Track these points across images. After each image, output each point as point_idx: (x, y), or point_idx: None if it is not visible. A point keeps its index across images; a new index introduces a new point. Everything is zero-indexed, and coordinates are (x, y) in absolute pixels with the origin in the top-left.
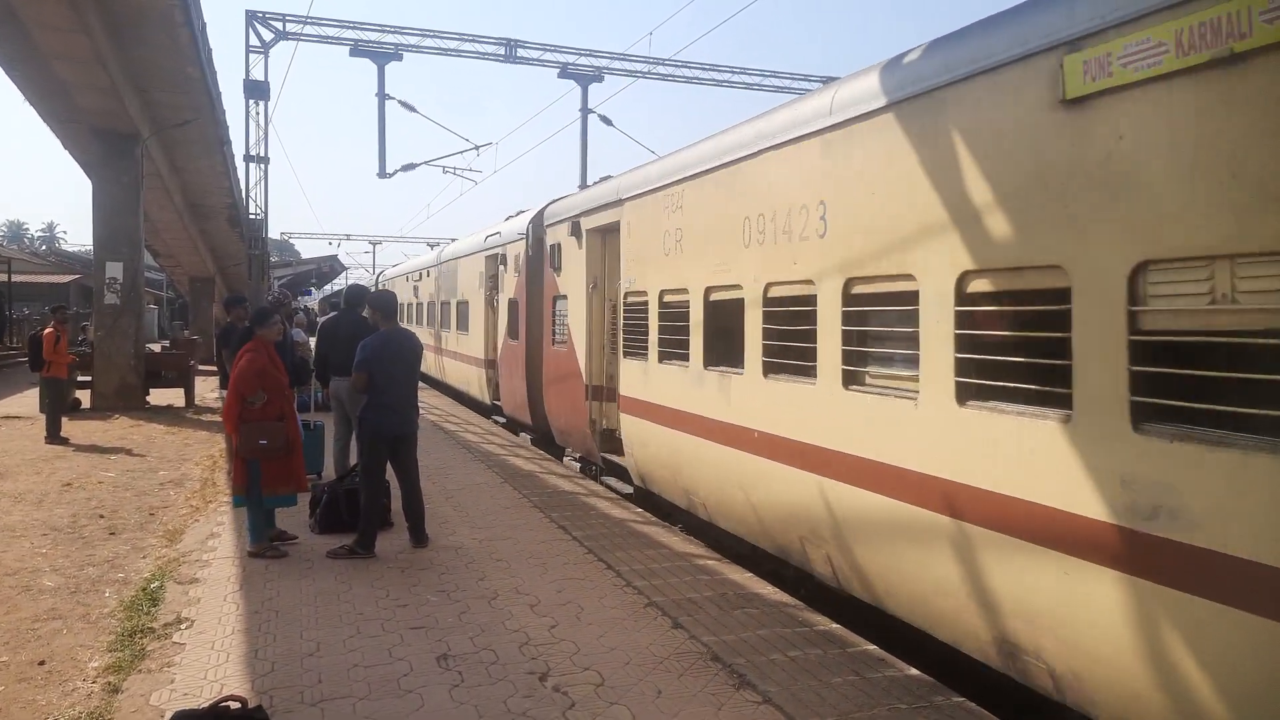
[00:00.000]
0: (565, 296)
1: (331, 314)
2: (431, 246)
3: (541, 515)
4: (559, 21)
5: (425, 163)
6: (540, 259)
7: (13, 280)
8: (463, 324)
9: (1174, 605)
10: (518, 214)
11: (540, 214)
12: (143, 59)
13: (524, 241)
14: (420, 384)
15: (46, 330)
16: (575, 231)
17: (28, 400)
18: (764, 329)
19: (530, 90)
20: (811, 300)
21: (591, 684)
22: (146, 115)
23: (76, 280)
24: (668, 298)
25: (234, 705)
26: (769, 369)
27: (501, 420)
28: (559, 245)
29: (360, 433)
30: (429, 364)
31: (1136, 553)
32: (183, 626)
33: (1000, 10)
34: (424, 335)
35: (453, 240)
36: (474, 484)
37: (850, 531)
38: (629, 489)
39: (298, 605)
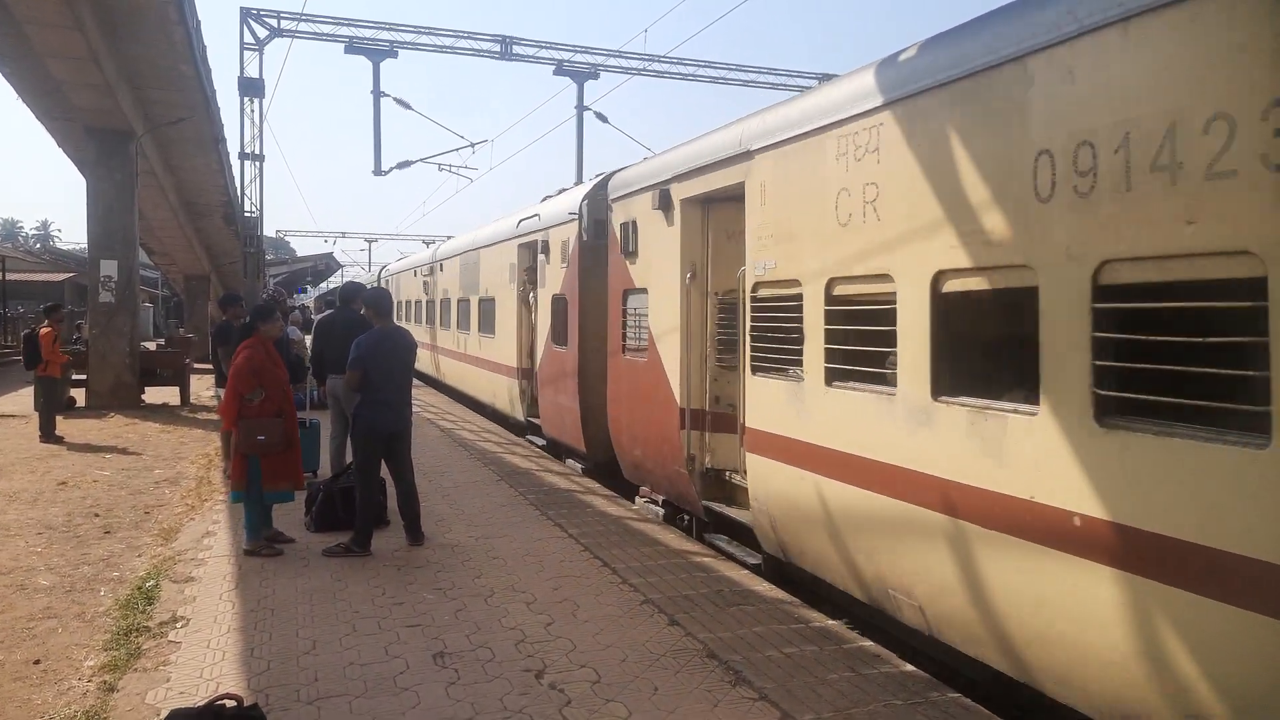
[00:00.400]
0: (644, 290)
1: (327, 312)
2: (427, 244)
3: (538, 513)
4: (555, 19)
5: (421, 160)
6: (602, 243)
7: (7, 279)
8: (487, 325)
9: None
10: (559, 192)
11: (603, 185)
12: (137, 57)
13: (576, 223)
14: (439, 392)
15: (45, 329)
16: (663, 203)
17: (22, 399)
18: (1095, 340)
19: (526, 88)
20: (1250, 287)
21: (588, 681)
22: (141, 113)
23: (71, 278)
24: (845, 289)
25: (230, 703)
26: (1109, 410)
27: (540, 443)
28: (633, 224)
29: (355, 430)
30: (442, 371)
31: None
32: (178, 625)
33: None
34: (438, 337)
35: (449, 237)
36: (470, 482)
37: None
38: (754, 559)
39: (294, 603)
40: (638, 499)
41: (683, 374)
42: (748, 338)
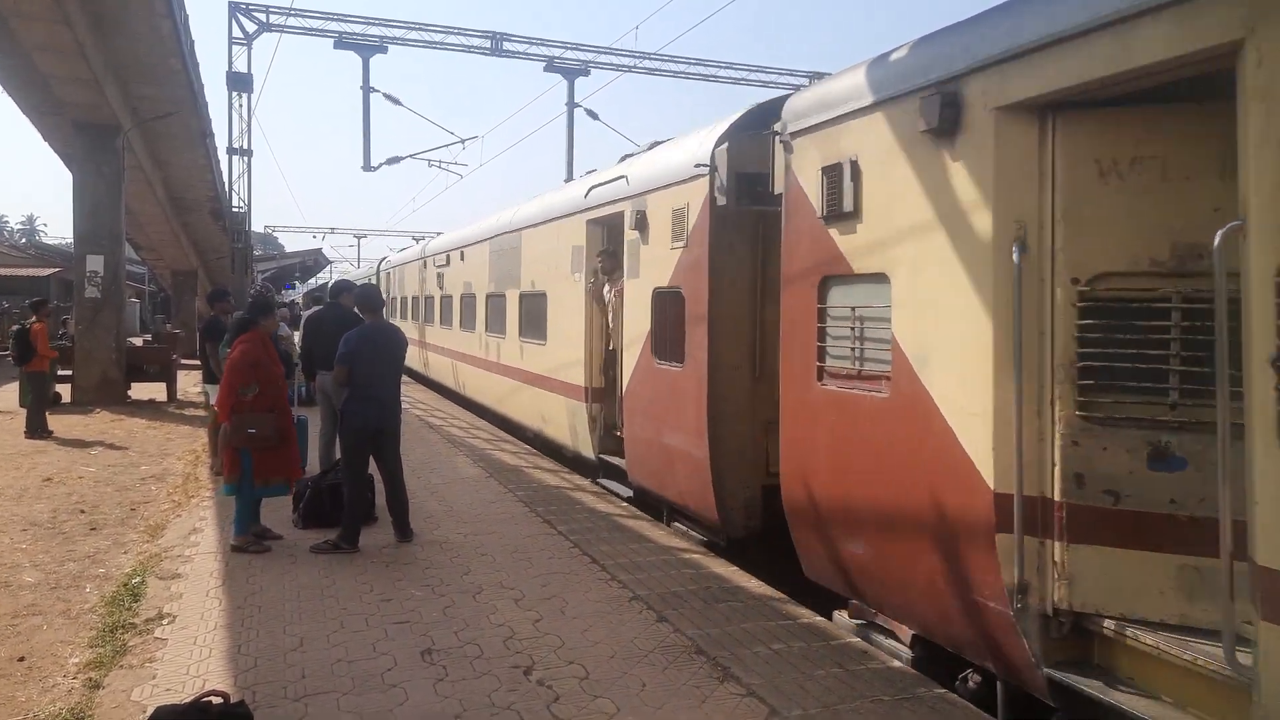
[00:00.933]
0: (879, 276)
1: (316, 308)
2: (417, 240)
3: (527, 510)
4: (546, 16)
5: (411, 156)
6: (765, 208)
7: None
8: (534, 328)
9: None
10: (651, 146)
11: (761, 116)
12: (124, 51)
13: (706, 179)
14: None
15: (38, 325)
16: (944, 120)
17: (7, 395)
18: None
19: (517, 85)
20: None
21: (576, 677)
22: (128, 107)
23: (57, 274)
24: None
25: (216, 701)
26: None
27: (624, 493)
28: (851, 166)
29: (343, 426)
30: (462, 382)
31: None
32: (164, 622)
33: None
34: (456, 341)
35: (439, 234)
36: (459, 479)
37: None
38: None
39: (281, 600)
40: (840, 615)
41: (999, 430)
42: (1274, 373)
